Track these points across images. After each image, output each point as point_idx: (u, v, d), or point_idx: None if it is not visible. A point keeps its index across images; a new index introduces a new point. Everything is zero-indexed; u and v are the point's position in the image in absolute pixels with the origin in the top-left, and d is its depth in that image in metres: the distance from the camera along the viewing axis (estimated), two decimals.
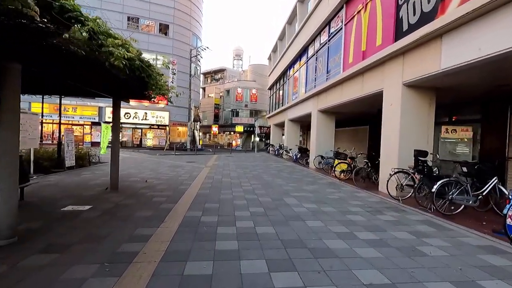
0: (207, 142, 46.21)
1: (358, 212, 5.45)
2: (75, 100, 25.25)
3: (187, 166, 13.04)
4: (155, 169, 11.48)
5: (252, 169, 12.64)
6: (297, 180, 9.58)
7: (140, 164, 13.32)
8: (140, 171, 10.59)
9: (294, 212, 5.30)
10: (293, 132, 20.36)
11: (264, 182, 8.80)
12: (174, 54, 28.62)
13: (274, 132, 26.90)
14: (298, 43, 16.81)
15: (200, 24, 33.31)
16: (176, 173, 10.42)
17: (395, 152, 7.18)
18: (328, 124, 13.66)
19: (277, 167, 13.93)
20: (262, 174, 10.93)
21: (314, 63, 14.34)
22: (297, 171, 12.23)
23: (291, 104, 18.63)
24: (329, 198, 6.71)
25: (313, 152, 13.80)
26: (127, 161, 14.64)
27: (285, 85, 21.66)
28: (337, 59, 11.30)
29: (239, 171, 11.55)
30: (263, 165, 14.75)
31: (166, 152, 23.42)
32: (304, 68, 16.14)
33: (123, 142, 27.25)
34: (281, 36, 23.68)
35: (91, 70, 4.27)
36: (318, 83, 13.63)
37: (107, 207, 5.23)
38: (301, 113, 16.45)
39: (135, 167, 11.80)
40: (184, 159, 16.81)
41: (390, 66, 7.49)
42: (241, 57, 55.24)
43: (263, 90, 39.50)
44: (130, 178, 8.92)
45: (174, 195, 6.44)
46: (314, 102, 13.95)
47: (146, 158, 16.76)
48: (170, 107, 28.66)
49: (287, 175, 10.88)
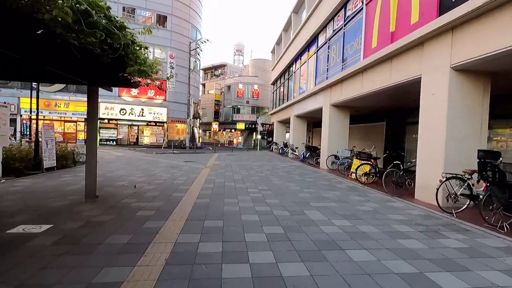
0: (207, 140, 44.86)
1: (409, 233, 4.09)
2: (68, 95, 23.87)
3: (185, 166, 11.68)
4: (148, 170, 10.11)
5: (257, 170, 11.28)
6: (311, 184, 8.22)
7: (133, 164, 11.96)
8: (131, 173, 9.23)
9: (324, 234, 3.94)
10: (300, 129, 18.98)
11: (274, 187, 7.44)
12: (172, 47, 27.17)
13: (278, 129, 25.51)
14: (307, 32, 15.38)
15: (200, 15, 31.79)
16: (172, 175, 9.06)
17: (439, 152, 5.81)
18: (342, 120, 12.28)
19: (284, 167, 12.57)
20: (270, 176, 9.57)
21: (325, 53, 12.94)
22: (308, 173, 10.87)
23: (297, 99, 17.24)
24: (360, 210, 5.35)
25: (325, 151, 12.43)
26: (120, 160, 13.28)
27: (290, 78, 20.24)
28: (356, 45, 9.90)
29: (243, 173, 10.19)
30: (268, 165, 13.38)
31: (164, 151, 22.06)
32: (314, 59, 14.74)
33: (119, 140, 25.88)
34: (286, 27, 22.23)
35: (24, 31, 2.90)
36: (331, 74, 12.24)
37: (72, 227, 3.87)
38: (310, 108, 15.07)
39: (126, 168, 10.43)
40: (182, 158, 15.45)
41: (433, 47, 6.10)
42: (242, 53, 53.73)
43: (265, 86, 38.07)
44: (117, 182, 7.55)
45: (166, 207, 5.08)
46: (325, 96, 12.56)
47: (141, 157, 15.40)
48: (168, 103, 27.27)
49: (298, 177, 9.52)
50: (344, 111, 12.26)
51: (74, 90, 24.10)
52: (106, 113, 24.95)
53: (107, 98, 24.95)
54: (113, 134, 25.69)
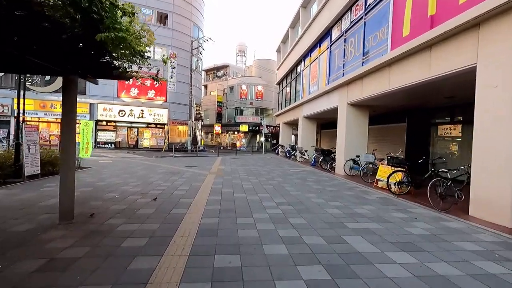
0: (209, 142, 43.74)
1: (503, 276, 2.88)
2: None
3: (186, 172, 10.50)
4: (145, 177, 8.94)
5: (267, 176, 10.09)
6: (335, 195, 7.02)
7: (129, 169, 10.79)
8: (125, 181, 8.06)
9: (389, 280, 2.74)
10: (309, 131, 17.79)
11: (293, 200, 6.24)
12: (173, 46, 26.11)
13: (284, 131, 24.32)
14: (318, 26, 14.24)
15: (202, 14, 30.76)
16: (172, 183, 7.88)
17: (507, 159, 4.60)
18: (360, 121, 11.09)
19: (296, 173, 11.37)
20: (283, 184, 8.38)
21: (341, 47, 11.77)
22: (324, 180, 9.66)
23: (307, 98, 16.06)
24: (413, 234, 4.14)
25: (341, 154, 11.23)
26: (116, 165, 12.11)
27: (299, 77, 19.08)
28: (381, 36, 8.73)
29: (252, 180, 9.00)
30: (278, 170, 12.19)
31: (164, 154, 20.91)
32: (326, 55, 13.57)
33: (117, 143, 24.75)
34: (293, 24, 21.11)
35: None
36: (348, 70, 11.06)
37: (26, 270, 2.69)
38: (322, 109, 13.88)
39: (120, 175, 9.26)
40: (184, 163, 14.28)
41: (496, 28, 4.91)
42: (245, 53, 52.71)
43: (269, 87, 36.97)
44: (106, 193, 6.38)
45: (162, 231, 3.90)
46: (342, 94, 11.38)
47: (140, 162, 14.24)
48: (169, 104, 26.17)
49: (316, 185, 8.32)
50: (363, 111, 11.07)
51: None
52: (104, 114, 23.86)
53: (105, 99, 23.90)
54: (112, 136, 24.59)
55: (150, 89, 25.32)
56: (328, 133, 22.02)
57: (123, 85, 24.39)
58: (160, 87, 25.60)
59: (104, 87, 23.78)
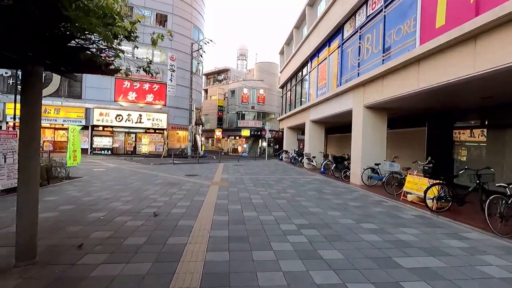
0: (209, 147, 42.72)
1: None
2: (59, 100, 21.81)
3: (187, 183, 9.44)
4: (140, 190, 7.87)
5: (276, 186, 9.02)
6: (364, 213, 5.95)
7: (123, 180, 9.72)
8: (116, 195, 6.99)
9: None
10: (317, 136, 16.75)
11: (316, 220, 5.17)
12: (173, 48, 25.20)
13: (288, 136, 23.30)
14: (327, 24, 13.31)
15: (202, 16, 29.95)
16: (170, 198, 6.81)
17: None
18: (378, 125, 10.07)
19: (307, 182, 10.31)
20: (298, 197, 7.32)
21: (355, 45, 10.80)
22: (342, 191, 8.60)
23: (315, 101, 15.07)
24: (497, 279, 3.07)
25: (357, 162, 10.18)
26: (109, 174, 11.04)
27: (305, 80, 18.12)
28: (407, 29, 7.74)
29: (261, 192, 7.94)
30: (287, 179, 11.12)
31: (163, 160, 19.84)
32: (337, 55, 12.61)
33: (114, 149, 23.68)
34: (298, 24, 20.22)
35: None
36: (364, 69, 10.07)
37: None
38: (332, 112, 12.87)
39: (112, 187, 8.19)
40: (184, 171, 13.22)
41: None
42: (246, 57, 51.98)
43: (272, 91, 36.06)
44: (91, 213, 5.31)
45: (154, 279, 2.83)
46: (357, 96, 10.38)
47: (136, 170, 13.17)
48: (169, 109, 25.17)
49: (336, 199, 7.25)
50: (381, 114, 10.05)
51: (66, 94, 22.06)
52: (101, 119, 22.83)
53: (102, 103, 22.92)
54: (108, 142, 23.53)
55: (149, 92, 24.36)
56: (335, 138, 20.98)
57: (120, 89, 23.42)
58: (159, 90, 24.65)
59: (101, 91, 22.83)
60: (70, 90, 22.21)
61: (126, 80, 23.43)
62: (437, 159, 8.19)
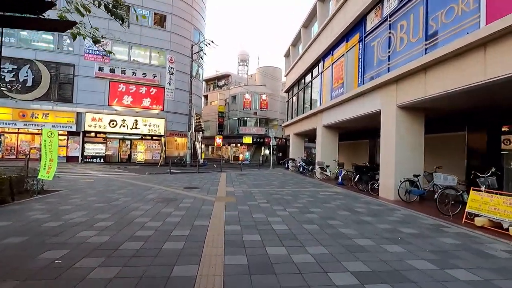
0: (209, 155, 41.01)
1: None
2: (48, 105, 20.18)
3: (185, 198, 7.75)
4: (125, 210, 6.18)
5: (295, 203, 7.35)
6: (433, 248, 4.28)
7: (108, 194, 8.03)
8: (92, 219, 5.30)
9: None
10: (330, 143, 15.12)
11: (378, 264, 3.50)
12: (172, 50, 23.79)
13: (295, 143, 21.68)
14: (344, 18, 11.86)
15: (203, 17, 28.67)
16: (162, 224, 5.12)
17: None
18: (415, 129, 8.48)
19: (330, 198, 8.65)
20: (333, 222, 5.64)
21: (382, 36, 9.30)
22: (380, 210, 6.94)
23: (329, 104, 13.51)
24: None
25: (389, 172, 8.54)
26: (94, 187, 9.33)
27: (315, 81, 16.62)
28: (463, 7, 6.21)
29: (281, 213, 6.26)
30: (304, 193, 9.46)
31: (160, 169, 18.12)
32: (357, 50, 11.11)
33: (107, 157, 21.95)
34: (307, 23, 18.84)
35: None
36: (396, 63, 8.53)
37: None
38: (352, 115, 11.30)
39: (92, 205, 6.50)
40: (182, 182, 11.53)
41: None
42: (247, 63, 50.78)
43: (275, 96, 34.64)
44: (44, 252, 3.62)
45: None
46: (386, 95, 8.82)
47: (127, 181, 11.48)
48: (167, 114, 23.59)
49: (380, 223, 5.58)
50: (418, 116, 8.48)
51: (55, 98, 20.45)
52: (93, 125, 21.18)
53: (95, 108, 21.32)
54: (101, 149, 21.81)
55: (146, 96, 22.81)
56: (345, 145, 19.33)
57: (115, 93, 21.86)
58: (157, 94, 23.12)
59: (94, 94, 21.26)
60: (60, 93, 20.61)
61: (121, 83, 21.90)
62: (481, 170, 6.57)
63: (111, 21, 23.11)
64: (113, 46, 21.83)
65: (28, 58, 19.76)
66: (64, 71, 20.67)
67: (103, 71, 21.41)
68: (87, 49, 20.90)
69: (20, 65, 19.60)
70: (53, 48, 20.58)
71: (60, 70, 20.58)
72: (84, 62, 20.94)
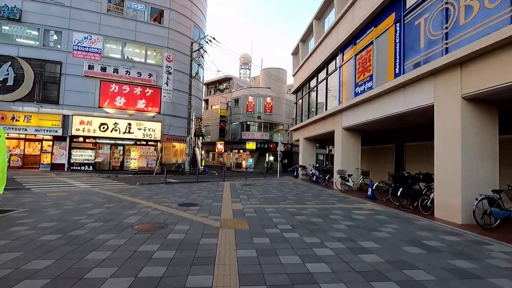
0: (210, 162, 38.84)
1: None
2: (31, 106, 18.13)
3: (178, 224, 5.59)
4: (83, 248, 4.02)
5: (335, 233, 5.19)
6: None
7: (75, 217, 5.87)
8: (18, 272, 3.14)
9: None
10: (352, 148, 12.98)
11: None
12: (169, 47, 21.88)
13: (306, 149, 19.55)
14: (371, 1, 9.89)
15: (204, 15, 26.86)
16: (133, 282, 2.95)
17: None
18: (486, 128, 6.37)
19: (375, 221, 6.48)
20: (408, 270, 3.48)
21: (433, 10, 7.26)
22: (455, 243, 4.78)
23: (351, 103, 11.46)
24: None
25: (452, 186, 6.39)
26: (63, 205, 7.15)
27: (330, 79, 14.58)
28: None
29: (319, 250, 4.10)
30: (334, 213, 7.29)
31: (155, 178, 15.96)
32: (393, 33, 9.07)
33: (97, 164, 19.79)
34: (320, 14, 16.88)
35: None
36: (460, 40, 6.44)
37: None
38: (385, 113, 9.25)
39: (37, 240, 4.34)
40: (178, 195, 9.38)
41: None
42: (249, 66, 48.99)
43: (280, 99, 32.66)
44: None
45: None
46: (445, 84, 6.74)
47: (111, 195, 9.32)
48: (163, 117, 21.54)
49: (490, 275, 3.43)
50: (490, 112, 6.39)
51: (40, 99, 18.40)
52: (81, 128, 19.09)
53: (84, 110, 19.28)
54: (90, 156, 19.66)
55: (141, 98, 20.79)
56: (364, 151, 17.06)
57: (106, 93, 19.83)
58: (153, 96, 21.10)
59: (83, 95, 19.24)
60: (44, 93, 18.57)
61: (113, 83, 19.90)
62: None
63: (103, 15, 21.37)
64: (105, 43, 19.94)
65: (9, 55, 17.79)
66: (49, 69, 18.69)
67: (93, 69, 19.42)
68: (75, 45, 18.97)
69: (0, 62, 17.62)
70: (38, 45, 18.62)
71: (46, 68, 18.59)
72: (73, 59, 18.99)
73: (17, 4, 17.99)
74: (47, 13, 18.65)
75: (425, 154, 12.18)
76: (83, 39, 19.18)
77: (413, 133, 12.25)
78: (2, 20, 17.89)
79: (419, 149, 12.40)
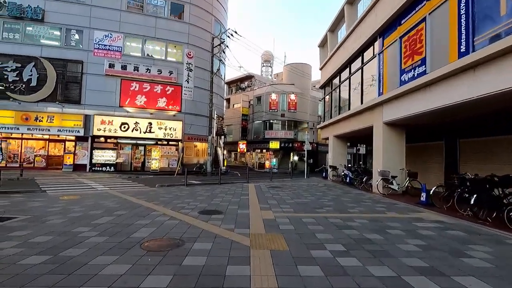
0: (232, 162, 37.94)
1: None
2: (53, 107, 17.98)
3: (198, 242, 4.42)
4: (70, 281, 2.92)
5: (405, 258, 3.79)
6: None
7: (76, 229, 4.91)
8: None
9: None
10: (395, 146, 11.30)
11: None
12: (190, 43, 21.08)
13: (336, 148, 17.93)
14: None
15: (225, 9, 25.90)
16: None
17: None
18: None
19: (447, 237, 4.98)
20: None
21: None
22: None
23: (395, 93, 9.84)
24: None
25: None
26: (69, 211, 6.26)
27: (366, 68, 12.94)
28: None
29: None
30: (387, 223, 5.83)
31: (176, 180, 15.12)
32: (455, 4, 7.41)
33: (118, 165, 19.32)
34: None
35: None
36: None
37: None
38: (446, 103, 7.59)
39: (22, 259, 3.32)
40: (199, 200, 8.29)
41: None
42: (271, 64, 47.70)
43: (304, 95, 31.05)
44: None
45: None
46: None
47: (126, 199, 8.42)
48: (184, 116, 20.77)
49: None
50: None
51: (62, 99, 18.22)
52: (103, 128, 18.71)
53: (105, 109, 18.90)
54: (112, 157, 19.25)
55: (161, 96, 20.13)
56: (407, 149, 15.01)
57: (127, 92, 19.35)
58: (174, 94, 20.38)
59: (104, 94, 18.86)
60: (66, 93, 18.37)
61: (134, 81, 19.39)
62: None
63: (123, 12, 21.00)
64: (125, 41, 19.48)
65: (33, 55, 17.73)
66: (71, 69, 18.47)
67: (114, 68, 19.00)
68: (96, 44, 18.63)
69: (24, 63, 17.60)
70: (60, 44, 18.47)
71: (67, 68, 18.39)
72: (93, 58, 18.64)
73: (40, 4, 17.90)
74: (68, 12, 18.45)
75: (488, 152, 10.29)
76: (104, 37, 18.81)
77: (471, 126, 10.40)
78: (26, 21, 17.87)
79: (480, 146, 10.52)
